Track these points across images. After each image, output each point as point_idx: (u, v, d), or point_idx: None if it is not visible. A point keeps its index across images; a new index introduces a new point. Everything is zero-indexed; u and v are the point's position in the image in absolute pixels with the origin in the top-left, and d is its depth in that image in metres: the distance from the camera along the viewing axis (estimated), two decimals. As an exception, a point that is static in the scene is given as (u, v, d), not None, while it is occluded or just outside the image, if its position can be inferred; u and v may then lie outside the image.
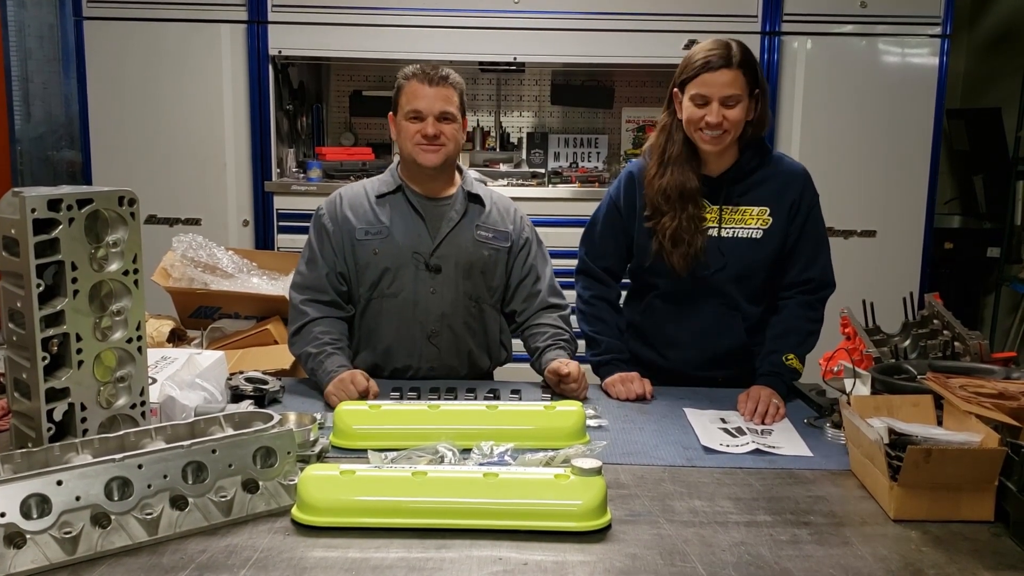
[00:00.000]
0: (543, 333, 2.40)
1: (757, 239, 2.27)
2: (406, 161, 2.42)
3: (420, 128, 2.34)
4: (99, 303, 1.63)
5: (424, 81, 2.34)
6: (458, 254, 2.39)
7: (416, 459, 1.69)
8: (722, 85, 2.14)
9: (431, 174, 2.40)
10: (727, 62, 2.14)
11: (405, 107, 2.36)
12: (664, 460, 1.83)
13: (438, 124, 2.34)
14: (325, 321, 2.34)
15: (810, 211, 2.29)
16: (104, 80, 4.21)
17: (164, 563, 1.38)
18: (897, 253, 4.35)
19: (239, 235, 4.30)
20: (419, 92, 2.34)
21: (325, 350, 2.26)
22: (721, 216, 2.27)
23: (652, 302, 2.38)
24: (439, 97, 2.34)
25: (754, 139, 2.27)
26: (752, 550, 1.44)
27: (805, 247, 2.30)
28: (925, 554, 1.43)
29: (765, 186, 2.28)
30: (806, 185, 2.30)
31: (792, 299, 2.31)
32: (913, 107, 4.28)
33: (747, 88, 2.17)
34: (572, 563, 1.39)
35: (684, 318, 2.34)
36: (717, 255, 2.26)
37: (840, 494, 1.67)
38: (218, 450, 1.52)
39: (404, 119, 2.36)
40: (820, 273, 2.31)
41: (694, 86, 2.17)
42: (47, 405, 1.58)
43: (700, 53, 2.17)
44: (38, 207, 1.52)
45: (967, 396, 1.66)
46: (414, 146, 2.36)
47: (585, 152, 4.84)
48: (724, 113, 2.15)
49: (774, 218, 2.27)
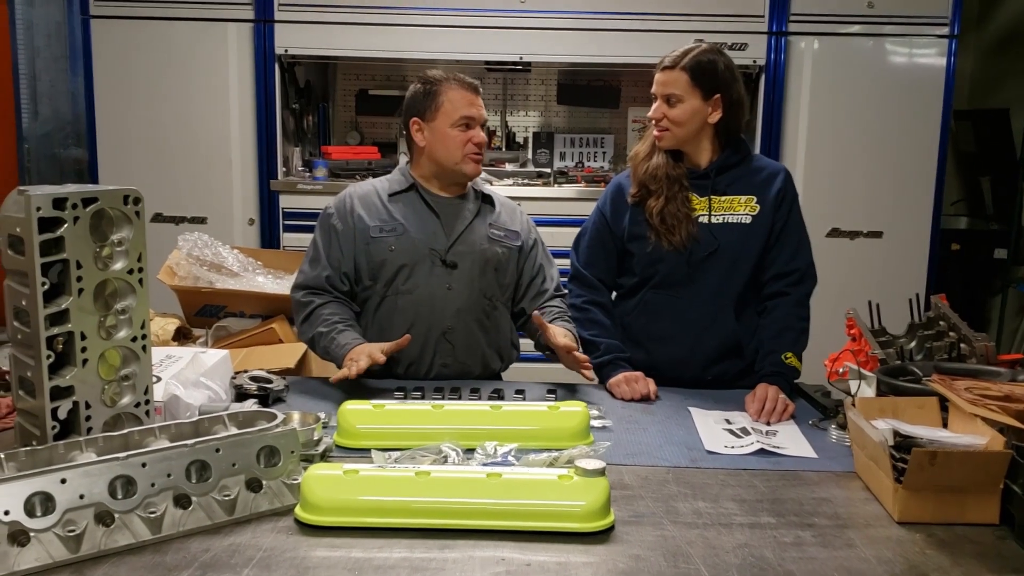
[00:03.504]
0: (549, 311, 2.43)
1: (747, 224, 2.33)
2: (442, 167, 2.40)
3: (472, 136, 2.35)
4: (104, 302, 1.64)
5: (467, 88, 2.36)
6: (473, 251, 2.40)
7: (420, 459, 1.69)
8: (663, 84, 2.30)
9: (464, 182, 2.43)
10: (673, 64, 2.29)
11: (453, 114, 2.35)
12: (668, 461, 1.82)
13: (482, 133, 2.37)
14: (332, 303, 2.36)
15: (792, 205, 2.38)
16: (111, 79, 4.22)
17: (167, 562, 1.38)
18: (903, 254, 4.34)
19: (245, 234, 4.30)
20: (467, 99, 2.36)
21: (336, 327, 2.28)
22: (710, 205, 2.34)
23: (646, 296, 2.40)
24: (480, 105, 2.39)
25: (732, 138, 2.37)
26: (756, 552, 1.43)
27: (791, 237, 2.36)
28: (929, 557, 1.43)
29: (750, 178, 2.37)
30: (788, 180, 2.40)
31: (780, 297, 2.35)
32: (920, 108, 4.26)
33: (695, 90, 2.27)
34: (575, 564, 1.39)
35: (677, 310, 2.37)
36: (710, 238, 2.32)
37: (844, 496, 1.66)
38: (222, 449, 1.52)
39: (451, 127, 2.35)
40: (805, 265, 2.38)
41: (653, 84, 2.33)
42: (52, 403, 1.59)
43: (664, 56, 2.33)
44: (43, 206, 1.53)
45: (973, 398, 1.65)
46: (464, 156, 2.36)
47: (591, 152, 4.84)
48: (664, 110, 2.29)
49: (761, 206, 2.34)
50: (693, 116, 2.29)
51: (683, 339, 2.37)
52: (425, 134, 2.39)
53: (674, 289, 2.36)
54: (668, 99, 2.28)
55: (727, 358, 2.37)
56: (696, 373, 2.36)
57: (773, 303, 2.36)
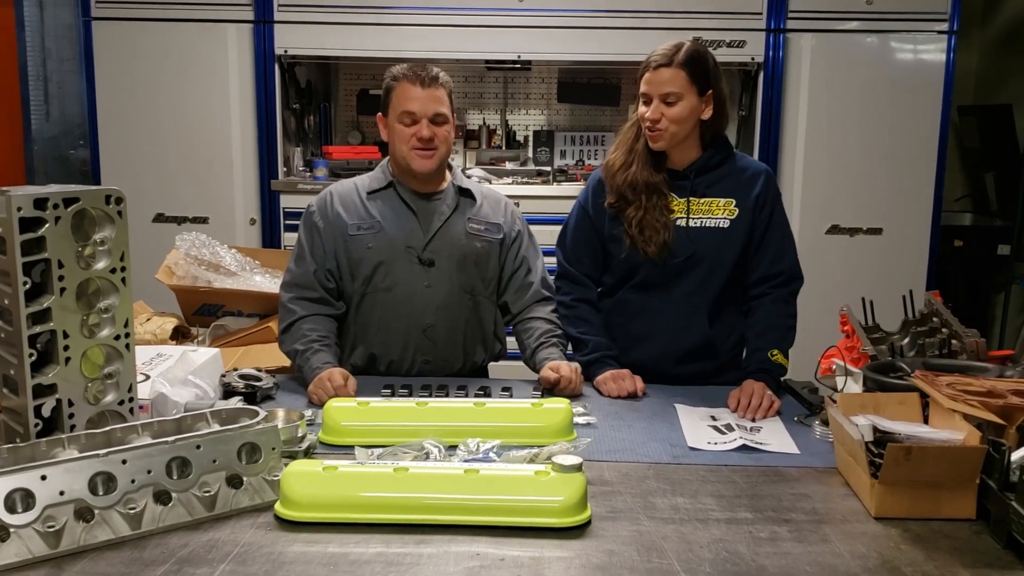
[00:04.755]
0: (535, 330, 2.41)
1: (724, 228, 2.31)
2: (399, 164, 2.42)
3: (415, 131, 2.34)
4: (86, 300, 1.65)
5: (416, 82, 2.33)
6: (451, 248, 2.40)
7: (402, 455, 1.70)
8: (660, 83, 2.23)
9: (423, 178, 2.41)
10: (668, 61, 2.23)
11: (397, 109, 2.35)
12: (650, 457, 1.83)
13: (432, 127, 2.34)
14: (313, 319, 2.35)
15: (774, 206, 2.35)
16: (111, 80, 4.25)
17: (146, 557, 1.39)
18: (904, 251, 4.32)
19: (246, 233, 4.33)
20: (411, 93, 2.33)
21: (312, 347, 2.28)
22: (688, 207, 2.32)
23: (624, 296, 2.40)
24: (431, 99, 2.34)
25: (716, 137, 2.34)
26: (730, 547, 1.44)
27: (773, 241, 2.34)
28: (904, 552, 1.43)
29: (730, 180, 2.34)
30: (769, 181, 2.36)
31: (765, 296, 2.34)
32: (920, 104, 4.24)
33: (692, 87, 2.23)
34: (549, 559, 1.40)
35: (653, 311, 2.36)
36: (686, 243, 2.30)
37: (824, 492, 1.67)
38: (202, 446, 1.53)
39: (397, 121, 2.35)
40: (789, 267, 2.36)
41: (641, 85, 2.28)
42: (35, 401, 1.60)
43: (651, 54, 2.27)
44: (24, 206, 1.54)
45: (953, 394, 1.65)
46: (410, 150, 2.35)
47: (591, 150, 4.84)
48: (663, 110, 2.23)
49: (740, 209, 2.32)
50: (691, 114, 2.25)
51: (656, 339, 2.37)
52: (385, 129, 2.42)
53: (650, 291, 2.36)
54: (665, 98, 2.23)
55: (700, 359, 2.37)
56: (669, 371, 2.36)
57: (758, 303, 2.35)
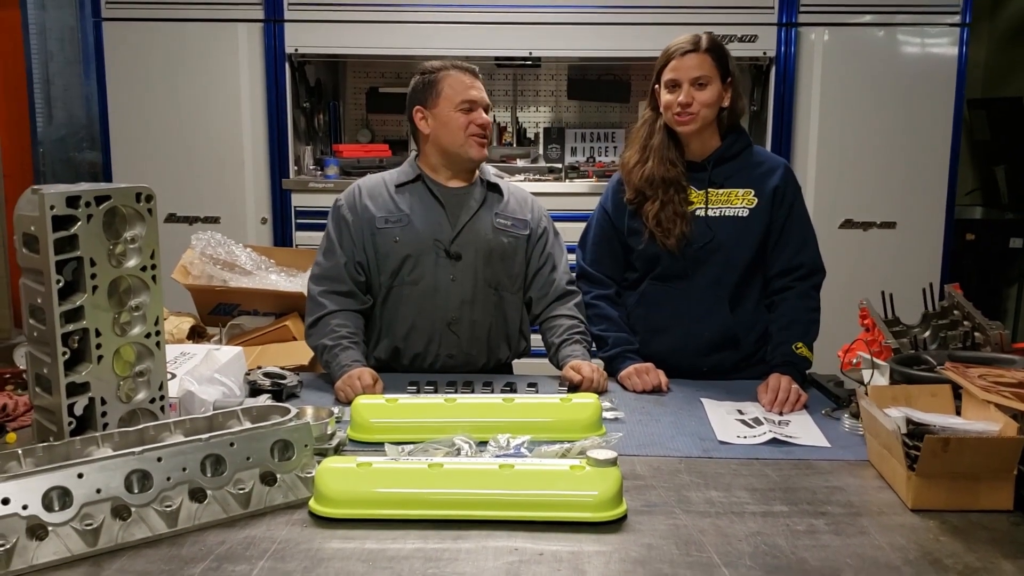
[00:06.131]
0: (559, 327, 2.40)
1: (744, 217, 2.32)
2: (447, 154, 2.41)
3: (474, 118, 2.36)
4: (118, 299, 1.65)
5: (466, 72, 2.38)
6: (478, 242, 2.40)
7: (432, 451, 1.70)
8: (690, 68, 2.26)
9: (470, 167, 2.42)
10: (694, 47, 2.27)
11: (455, 98, 2.36)
12: (680, 451, 1.82)
13: (485, 115, 2.38)
14: (342, 314, 2.35)
15: (795, 199, 2.36)
16: (123, 80, 4.25)
17: (184, 554, 1.39)
18: (917, 244, 4.31)
19: (258, 232, 4.33)
20: (467, 82, 2.37)
21: (341, 343, 2.27)
22: (707, 198, 2.33)
23: (646, 288, 2.41)
24: (481, 88, 2.40)
25: (732, 126, 2.36)
26: (768, 540, 1.43)
27: (794, 233, 2.35)
28: (943, 544, 1.42)
29: (748, 171, 2.36)
30: (788, 175, 2.38)
31: (788, 290, 2.34)
32: (932, 97, 4.24)
33: (717, 72, 2.27)
34: (588, 553, 1.39)
35: (674, 301, 2.37)
36: (705, 230, 2.32)
37: (858, 484, 1.66)
38: (236, 443, 1.53)
39: (454, 110, 2.36)
40: (811, 259, 2.36)
41: (667, 73, 2.29)
42: (68, 400, 1.60)
43: (671, 45, 2.30)
44: (57, 204, 1.54)
45: (986, 385, 1.65)
46: (469, 137, 2.37)
47: (602, 146, 4.84)
48: (694, 94, 2.26)
49: (759, 199, 2.33)
50: (718, 99, 2.28)
51: (677, 330, 2.37)
52: (429, 121, 2.41)
53: (671, 281, 2.37)
54: (696, 81, 2.25)
55: (722, 349, 2.37)
56: (691, 363, 2.36)
57: (781, 297, 2.35)
